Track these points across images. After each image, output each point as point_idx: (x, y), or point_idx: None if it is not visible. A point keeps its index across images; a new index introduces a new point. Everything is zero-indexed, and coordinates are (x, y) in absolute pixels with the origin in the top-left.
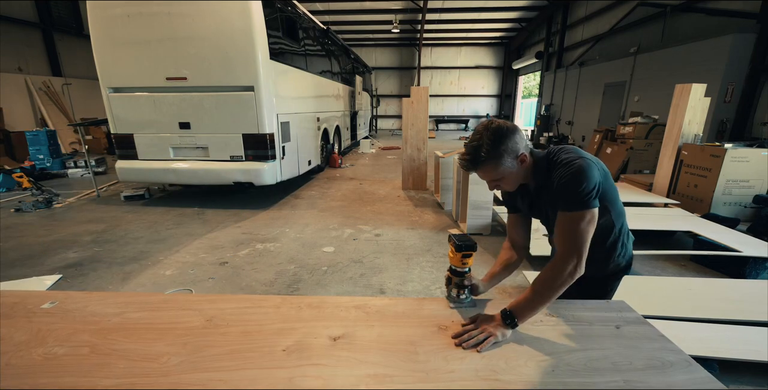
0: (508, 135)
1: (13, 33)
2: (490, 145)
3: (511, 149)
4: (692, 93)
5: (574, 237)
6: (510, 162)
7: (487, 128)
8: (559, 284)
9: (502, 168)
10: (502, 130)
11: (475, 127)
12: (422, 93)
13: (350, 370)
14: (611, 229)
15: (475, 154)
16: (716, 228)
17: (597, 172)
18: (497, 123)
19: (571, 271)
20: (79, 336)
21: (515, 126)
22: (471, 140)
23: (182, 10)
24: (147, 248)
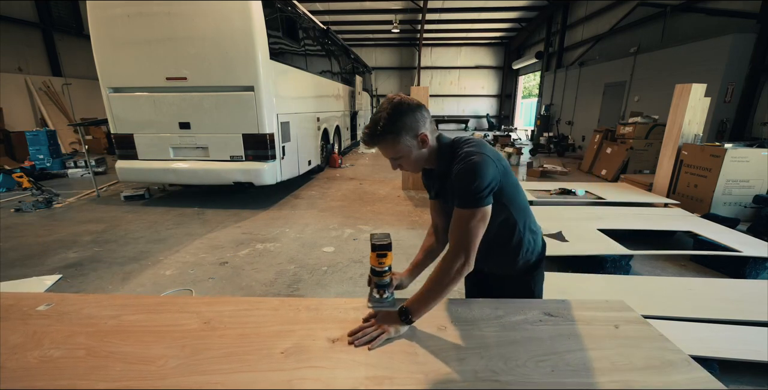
0: (407, 112)
1: (13, 33)
2: (388, 120)
3: (409, 127)
4: (692, 93)
5: (463, 234)
6: (409, 140)
7: (390, 103)
8: (448, 281)
9: (400, 145)
10: (402, 105)
11: (384, 100)
12: (422, 93)
13: (349, 372)
14: (514, 226)
15: (374, 128)
16: (716, 228)
17: (493, 169)
18: (400, 98)
19: (459, 268)
20: (75, 338)
21: (420, 104)
22: (374, 114)
23: (182, 10)
24: (147, 248)
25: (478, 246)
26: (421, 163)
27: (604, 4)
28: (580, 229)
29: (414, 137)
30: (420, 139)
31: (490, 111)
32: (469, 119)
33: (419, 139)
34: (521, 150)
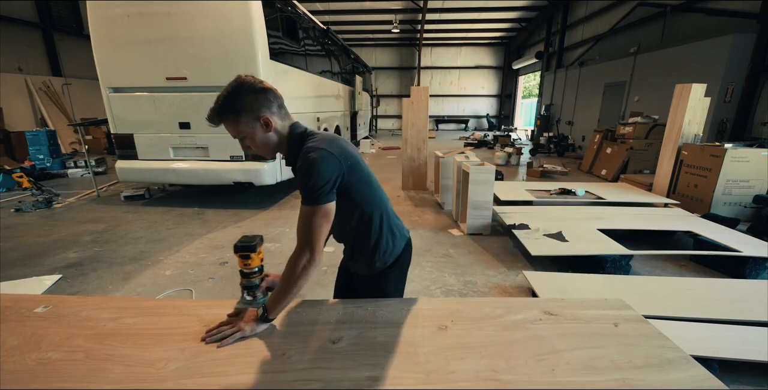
0: (248, 92)
1: (13, 33)
2: (227, 98)
3: (249, 108)
4: (692, 93)
5: (305, 231)
6: (251, 122)
7: (234, 82)
8: (296, 278)
9: (241, 126)
10: (244, 85)
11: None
12: (422, 93)
13: (351, 372)
14: (369, 226)
15: (215, 106)
16: (716, 228)
17: (332, 166)
18: (244, 79)
19: (305, 265)
20: (73, 341)
21: (265, 87)
22: (221, 93)
23: (182, 10)
24: (147, 248)
25: (323, 241)
26: (270, 147)
27: (604, 4)
28: (580, 229)
29: (256, 119)
30: (263, 121)
31: (490, 111)
32: (469, 119)
33: (262, 122)
34: (521, 150)
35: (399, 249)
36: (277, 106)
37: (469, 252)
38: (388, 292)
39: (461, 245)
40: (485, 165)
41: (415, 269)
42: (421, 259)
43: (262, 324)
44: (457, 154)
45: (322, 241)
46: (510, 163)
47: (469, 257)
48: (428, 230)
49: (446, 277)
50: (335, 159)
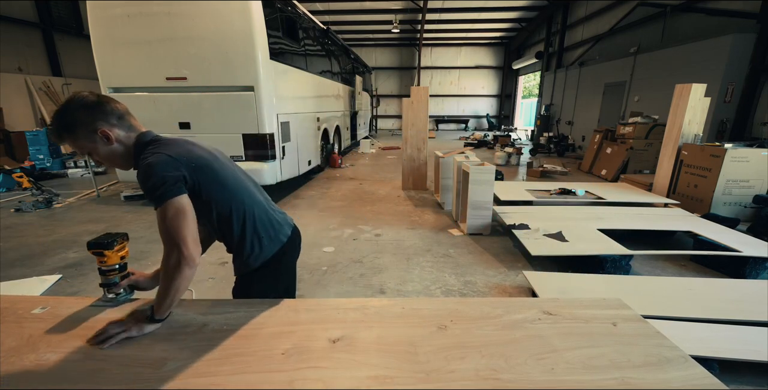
0: (79, 108)
1: (13, 33)
2: (59, 116)
3: (83, 122)
4: (692, 93)
5: (166, 232)
6: (89, 136)
7: (66, 99)
8: (171, 277)
9: (80, 141)
10: (74, 102)
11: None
12: (422, 93)
13: (350, 371)
14: (229, 227)
15: (51, 124)
16: (716, 228)
17: (168, 166)
18: (75, 95)
19: (176, 264)
20: (71, 341)
21: (100, 100)
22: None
23: (182, 10)
24: (147, 248)
25: (190, 236)
26: (118, 159)
27: (604, 4)
28: (580, 229)
29: (92, 132)
30: (101, 134)
31: (490, 111)
32: (469, 119)
33: (100, 135)
34: (521, 150)
35: (268, 253)
36: (116, 117)
37: (469, 252)
38: (253, 295)
39: (461, 245)
40: (485, 165)
41: (415, 269)
42: (421, 259)
43: (149, 324)
44: (457, 154)
45: (187, 236)
46: (510, 163)
47: (469, 257)
48: (428, 230)
49: (446, 277)
50: (172, 160)
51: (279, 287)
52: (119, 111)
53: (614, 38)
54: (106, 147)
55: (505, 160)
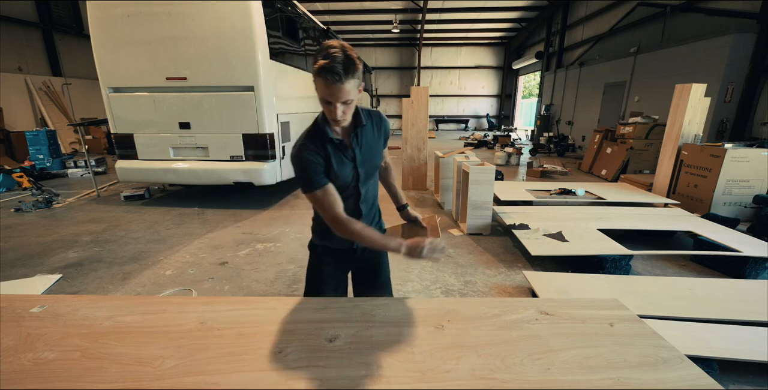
0: (360, 60)
1: (13, 33)
2: (359, 60)
3: (360, 72)
4: (692, 93)
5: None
6: (358, 85)
7: (348, 49)
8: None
9: (357, 89)
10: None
11: (329, 45)
12: (422, 93)
13: (347, 370)
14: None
15: (351, 63)
16: (716, 228)
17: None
18: (346, 46)
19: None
20: (69, 340)
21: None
22: (336, 52)
23: (182, 10)
24: (147, 248)
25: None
26: (352, 110)
27: (604, 4)
28: (580, 229)
29: (360, 82)
30: (359, 89)
31: (490, 111)
32: (469, 119)
33: (359, 89)
34: (521, 150)
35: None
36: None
37: (469, 252)
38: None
39: (461, 245)
40: (485, 165)
41: (415, 269)
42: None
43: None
44: (457, 154)
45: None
46: (510, 163)
47: (469, 257)
48: None
49: (446, 277)
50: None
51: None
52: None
53: (614, 38)
54: (356, 97)
55: (505, 160)
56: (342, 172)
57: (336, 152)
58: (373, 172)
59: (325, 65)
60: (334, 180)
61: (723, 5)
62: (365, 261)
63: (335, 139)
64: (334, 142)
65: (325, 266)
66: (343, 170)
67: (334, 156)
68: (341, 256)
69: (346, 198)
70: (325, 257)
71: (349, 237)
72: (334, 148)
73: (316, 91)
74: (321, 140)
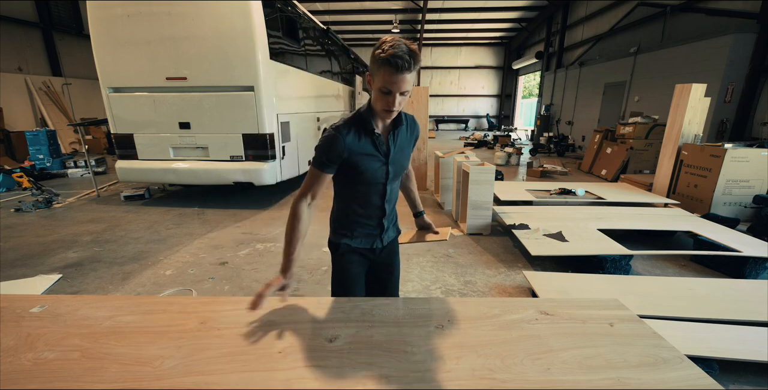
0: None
1: (13, 33)
2: (418, 56)
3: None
4: (692, 93)
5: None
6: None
7: (411, 43)
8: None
9: (412, 84)
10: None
11: (392, 39)
12: (422, 93)
13: (346, 370)
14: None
15: (415, 55)
16: (716, 228)
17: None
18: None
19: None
20: (69, 340)
21: None
22: (401, 44)
23: (182, 10)
24: (147, 248)
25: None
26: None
27: (604, 4)
28: (580, 229)
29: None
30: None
31: (490, 111)
32: (469, 119)
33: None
34: (521, 150)
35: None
36: None
37: (469, 252)
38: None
39: (461, 245)
40: (485, 165)
41: (415, 269)
42: (421, 259)
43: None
44: (457, 154)
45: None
46: (510, 163)
47: (469, 257)
48: None
49: (446, 277)
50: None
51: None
52: None
53: (614, 38)
54: (411, 91)
55: (505, 160)
56: (371, 167)
57: (369, 143)
58: (401, 173)
59: (394, 54)
60: (362, 173)
61: (723, 5)
62: (382, 260)
63: (376, 133)
64: (374, 135)
65: (351, 266)
66: (372, 164)
67: (366, 146)
68: (364, 254)
69: (373, 194)
70: (351, 256)
71: (289, 219)
72: (372, 141)
73: (374, 81)
74: (362, 129)
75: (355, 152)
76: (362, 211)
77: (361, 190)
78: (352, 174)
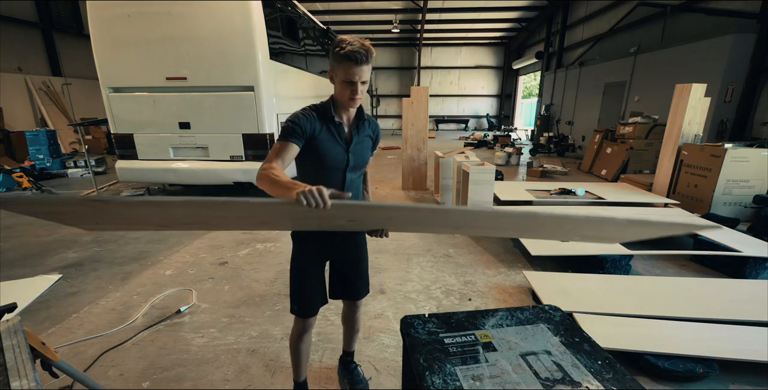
0: None
1: (13, 33)
2: (371, 51)
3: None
4: (692, 93)
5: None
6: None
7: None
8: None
9: (369, 74)
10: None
11: (348, 38)
12: (422, 93)
13: None
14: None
15: (369, 49)
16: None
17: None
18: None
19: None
20: None
21: None
22: (356, 42)
23: (182, 10)
24: (147, 248)
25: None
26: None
27: (604, 4)
28: None
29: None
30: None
31: (490, 111)
32: (469, 119)
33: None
34: (521, 150)
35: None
36: None
37: (469, 252)
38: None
39: (461, 245)
40: (485, 165)
41: (415, 269)
42: (422, 258)
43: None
44: (457, 154)
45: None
46: (510, 163)
47: (469, 257)
48: None
49: (446, 277)
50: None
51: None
52: None
53: (614, 38)
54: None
55: (505, 160)
56: (332, 150)
57: (331, 131)
58: (360, 165)
59: (353, 50)
60: (323, 156)
61: (723, 5)
62: (345, 252)
63: (336, 121)
64: (334, 122)
65: (304, 253)
66: (333, 148)
67: (328, 133)
68: (322, 242)
69: (333, 181)
70: (306, 244)
71: (261, 180)
72: (332, 127)
73: (336, 75)
74: (322, 116)
75: (318, 134)
76: None
77: (321, 176)
78: (314, 157)
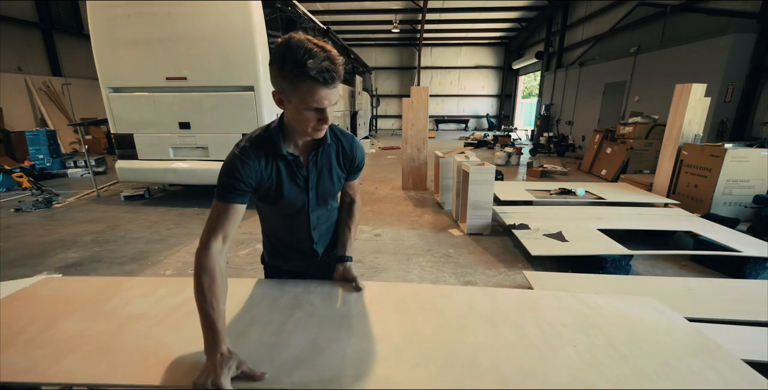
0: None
1: (13, 33)
2: (341, 67)
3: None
4: (692, 93)
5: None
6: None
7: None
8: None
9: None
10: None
11: (303, 46)
12: (422, 93)
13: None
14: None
15: (340, 69)
16: (716, 228)
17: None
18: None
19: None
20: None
21: None
22: (319, 52)
23: (182, 10)
24: (147, 248)
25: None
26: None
27: (604, 4)
28: (580, 229)
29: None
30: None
31: (490, 111)
32: (469, 119)
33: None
34: (521, 150)
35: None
36: None
37: (469, 252)
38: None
39: (461, 245)
40: (485, 165)
41: (415, 269)
42: (422, 258)
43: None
44: (457, 154)
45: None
46: (510, 163)
47: (469, 257)
48: (428, 230)
49: (446, 277)
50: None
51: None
52: None
53: (614, 38)
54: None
55: (505, 160)
56: (289, 194)
57: (281, 170)
58: (329, 198)
59: (320, 68)
60: (281, 200)
61: (723, 5)
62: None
63: (289, 155)
64: (287, 159)
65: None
66: (289, 191)
67: (279, 174)
68: (298, 276)
69: (296, 223)
70: (282, 273)
71: (196, 276)
72: (283, 164)
73: (292, 99)
74: (270, 154)
75: (267, 179)
76: (290, 238)
77: (281, 221)
78: (269, 201)
